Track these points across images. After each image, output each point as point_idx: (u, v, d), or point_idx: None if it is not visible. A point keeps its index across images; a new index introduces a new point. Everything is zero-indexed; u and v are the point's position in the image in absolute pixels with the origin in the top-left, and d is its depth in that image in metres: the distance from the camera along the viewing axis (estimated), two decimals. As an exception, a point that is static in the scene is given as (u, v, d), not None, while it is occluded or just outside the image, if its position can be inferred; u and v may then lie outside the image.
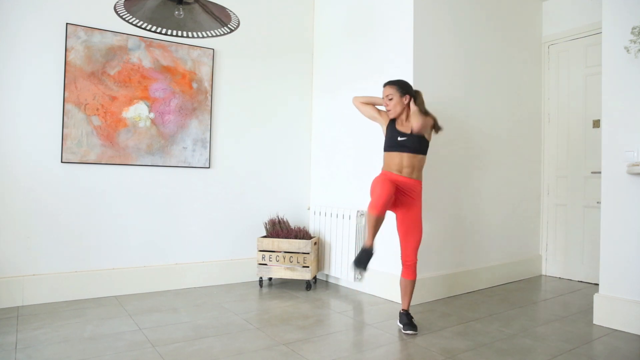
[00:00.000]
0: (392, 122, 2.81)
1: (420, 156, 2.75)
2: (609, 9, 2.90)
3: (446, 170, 3.59)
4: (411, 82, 3.32)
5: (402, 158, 2.73)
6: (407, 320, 2.73)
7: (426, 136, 2.76)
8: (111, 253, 3.38)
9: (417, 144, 2.72)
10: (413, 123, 2.68)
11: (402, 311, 2.81)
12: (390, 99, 2.75)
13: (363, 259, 2.57)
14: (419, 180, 2.77)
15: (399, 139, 2.73)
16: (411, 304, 3.23)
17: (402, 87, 2.77)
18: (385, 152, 2.81)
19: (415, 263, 2.77)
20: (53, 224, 3.18)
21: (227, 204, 3.90)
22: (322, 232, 4.02)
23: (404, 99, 2.75)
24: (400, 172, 2.74)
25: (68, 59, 3.20)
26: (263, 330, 2.68)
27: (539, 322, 2.93)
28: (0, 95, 3.02)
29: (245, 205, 3.99)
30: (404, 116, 2.78)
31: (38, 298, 3.11)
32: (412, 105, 2.74)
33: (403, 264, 2.79)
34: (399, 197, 2.72)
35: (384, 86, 2.82)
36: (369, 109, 2.96)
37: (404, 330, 2.69)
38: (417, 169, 2.76)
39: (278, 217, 4.01)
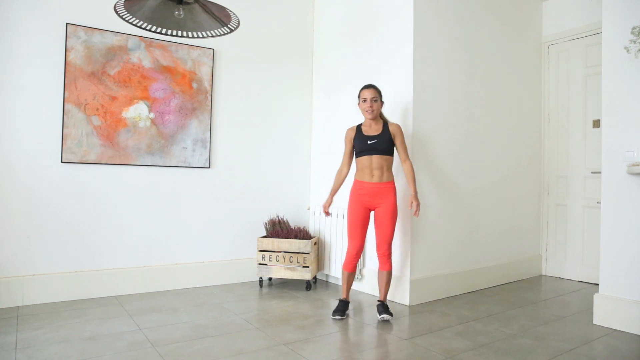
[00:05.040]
0: (358, 130, 3.01)
1: (387, 157, 2.96)
2: (609, 9, 2.90)
3: (446, 169, 3.59)
4: (411, 83, 3.34)
5: (372, 160, 2.94)
6: (383, 308, 2.92)
7: (398, 139, 2.97)
8: (111, 253, 3.38)
9: (384, 146, 2.94)
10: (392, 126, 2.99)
11: (378, 302, 2.98)
12: (376, 101, 2.96)
13: (340, 308, 2.94)
14: (389, 182, 2.99)
15: (369, 142, 2.94)
16: (410, 303, 3.25)
17: (380, 93, 3.01)
18: (357, 158, 3.02)
19: (388, 254, 2.95)
20: (53, 223, 3.18)
21: (227, 204, 3.90)
22: (322, 232, 4.02)
23: (381, 103, 3.01)
24: (372, 176, 2.94)
25: (68, 59, 3.20)
26: (263, 330, 2.69)
27: (539, 322, 2.93)
28: (0, 95, 3.02)
29: (245, 205, 3.99)
30: (373, 121, 2.99)
31: (38, 298, 3.11)
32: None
33: (378, 257, 2.98)
34: (372, 203, 2.96)
35: (369, 88, 2.98)
36: (347, 157, 3.10)
37: (380, 315, 2.86)
38: (387, 170, 2.96)
39: (278, 217, 4.01)
